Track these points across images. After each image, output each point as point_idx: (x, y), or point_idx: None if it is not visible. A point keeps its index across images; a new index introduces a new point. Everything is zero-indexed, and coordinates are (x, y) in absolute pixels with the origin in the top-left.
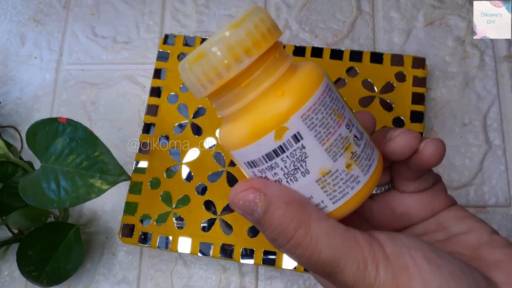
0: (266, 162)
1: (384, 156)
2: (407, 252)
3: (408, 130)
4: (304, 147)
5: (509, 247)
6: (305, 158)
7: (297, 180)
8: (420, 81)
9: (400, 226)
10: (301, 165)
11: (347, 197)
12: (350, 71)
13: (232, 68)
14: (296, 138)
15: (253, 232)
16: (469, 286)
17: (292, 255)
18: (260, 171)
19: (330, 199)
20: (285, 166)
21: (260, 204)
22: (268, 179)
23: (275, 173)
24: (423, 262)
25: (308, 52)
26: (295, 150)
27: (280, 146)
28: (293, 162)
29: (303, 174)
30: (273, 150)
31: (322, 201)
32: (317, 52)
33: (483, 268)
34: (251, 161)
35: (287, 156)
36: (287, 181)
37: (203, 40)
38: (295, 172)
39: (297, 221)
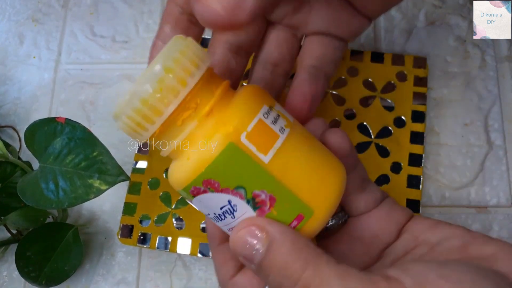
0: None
1: None
2: (424, 279)
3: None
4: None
5: (495, 240)
6: None
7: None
8: (421, 81)
9: (375, 252)
10: None
11: None
12: (350, 70)
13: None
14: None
15: None
16: (495, 285)
17: None
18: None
19: None
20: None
21: (261, 243)
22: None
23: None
24: (443, 283)
25: None
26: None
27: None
28: None
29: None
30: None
31: None
32: None
33: (483, 265)
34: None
35: None
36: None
37: (202, 39)
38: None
39: (304, 261)
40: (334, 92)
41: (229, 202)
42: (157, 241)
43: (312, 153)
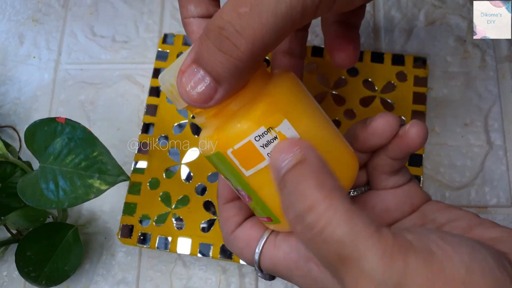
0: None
1: (364, 145)
2: (425, 237)
3: (386, 113)
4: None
5: (501, 226)
6: None
7: None
8: (421, 81)
9: (382, 224)
10: None
11: None
12: (351, 70)
13: None
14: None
15: None
16: (491, 255)
17: (302, 225)
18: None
19: None
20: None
21: (295, 156)
22: None
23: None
24: (442, 243)
25: (308, 52)
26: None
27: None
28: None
29: None
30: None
31: None
32: (317, 52)
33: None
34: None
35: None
36: None
37: None
38: None
39: (322, 185)
40: (334, 92)
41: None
42: (157, 241)
43: None
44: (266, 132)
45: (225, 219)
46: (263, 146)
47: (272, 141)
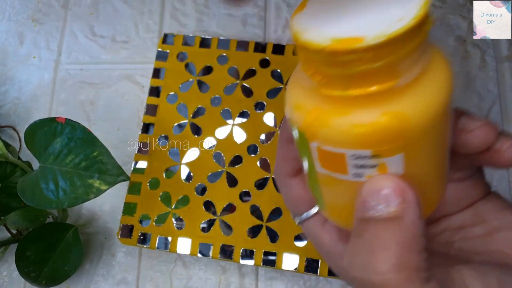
0: None
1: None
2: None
3: (488, 123)
4: None
5: None
6: None
7: None
8: None
9: (434, 217)
10: None
11: None
12: None
13: None
14: None
15: (253, 233)
16: None
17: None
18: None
19: None
20: None
21: (389, 208)
22: None
23: None
24: None
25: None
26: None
27: None
28: None
29: None
30: None
31: None
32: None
33: None
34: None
35: None
36: None
37: (203, 39)
38: None
39: (405, 262)
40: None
41: None
42: (157, 241)
43: None
44: (370, 156)
45: (283, 158)
46: (355, 166)
47: (369, 166)
